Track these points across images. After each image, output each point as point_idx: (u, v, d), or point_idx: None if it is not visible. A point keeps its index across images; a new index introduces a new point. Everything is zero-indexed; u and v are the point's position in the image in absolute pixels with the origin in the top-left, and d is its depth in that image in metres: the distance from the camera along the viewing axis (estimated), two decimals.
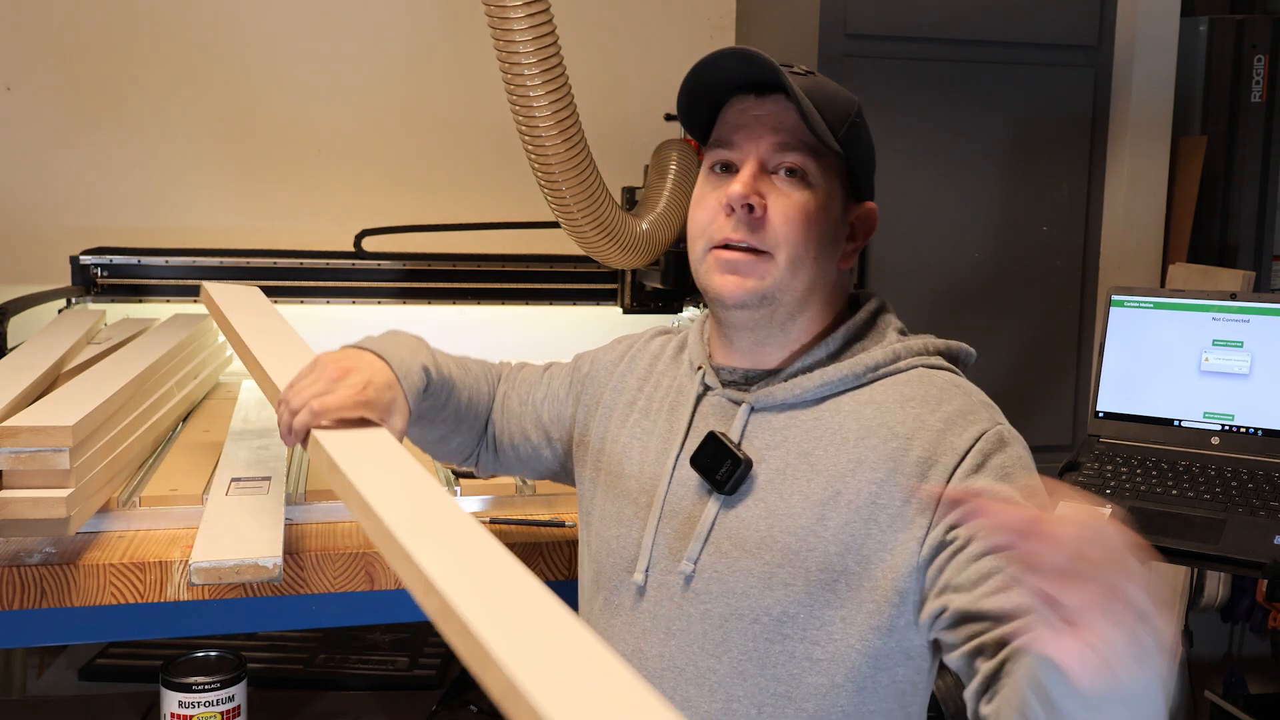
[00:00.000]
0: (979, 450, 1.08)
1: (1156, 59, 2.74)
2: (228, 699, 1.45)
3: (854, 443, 1.11)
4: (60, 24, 2.78)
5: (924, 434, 1.09)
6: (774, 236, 1.13)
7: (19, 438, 1.32)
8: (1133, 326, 1.80)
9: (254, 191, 2.91)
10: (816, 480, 1.10)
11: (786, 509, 1.11)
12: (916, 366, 1.17)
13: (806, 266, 1.15)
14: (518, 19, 2.02)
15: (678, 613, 1.15)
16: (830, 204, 1.17)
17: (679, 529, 1.16)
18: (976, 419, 1.11)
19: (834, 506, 1.09)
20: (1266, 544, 1.53)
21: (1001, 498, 1.01)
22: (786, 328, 1.18)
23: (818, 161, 1.15)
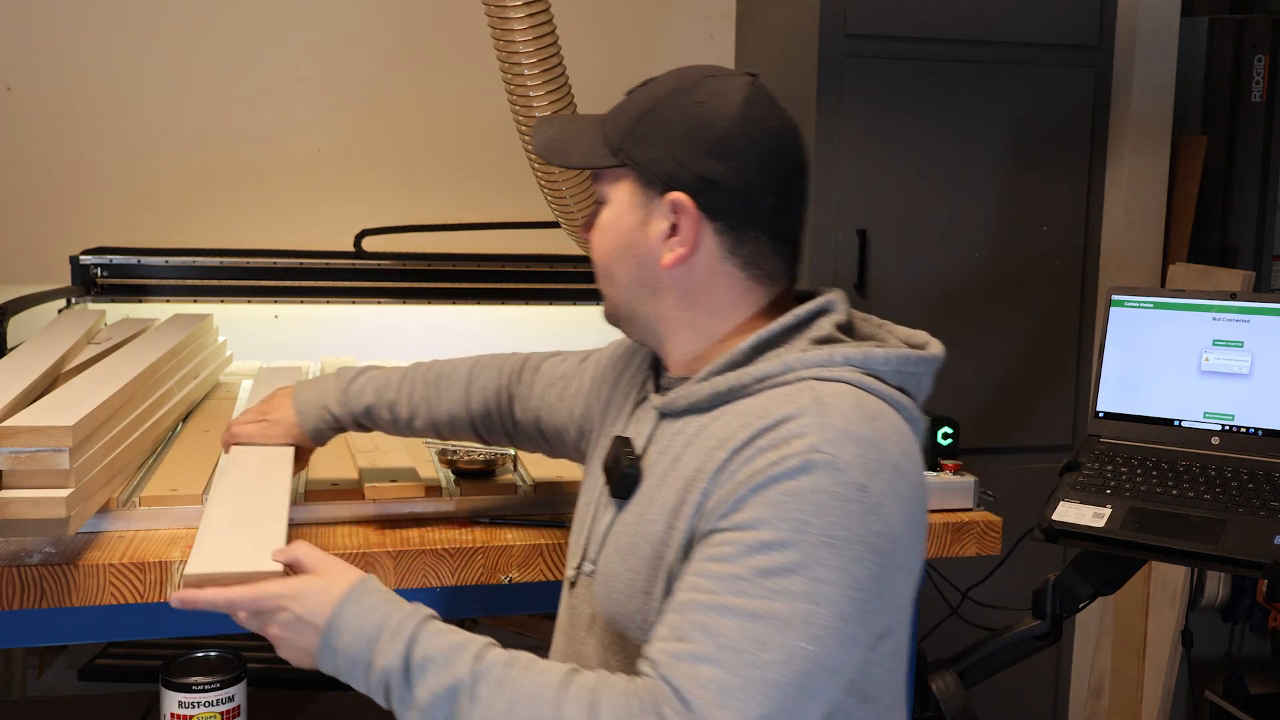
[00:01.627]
0: (771, 477, 0.99)
1: (1156, 59, 2.74)
2: (228, 699, 1.45)
3: (708, 451, 1.06)
4: (60, 24, 2.78)
5: (747, 450, 1.02)
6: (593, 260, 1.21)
7: (19, 438, 1.32)
8: (1133, 326, 1.80)
9: (254, 191, 2.91)
10: (672, 488, 1.08)
11: (650, 516, 1.10)
12: (808, 379, 1.07)
13: (615, 280, 1.18)
14: (517, 19, 2.02)
15: (574, 613, 1.21)
16: (617, 213, 1.16)
17: (597, 530, 1.19)
18: (797, 440, 0.99)
19: (679, 516, 1.06)
20: (1266, 544, 1.53)
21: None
22: (663, 339, 1.19)
23: (602, 180, 1.18)
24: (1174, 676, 2.74)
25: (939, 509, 1.68)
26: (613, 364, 1.37)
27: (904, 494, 1.01)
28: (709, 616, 0.95)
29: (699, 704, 0.92)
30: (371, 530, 1.54)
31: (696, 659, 0.94)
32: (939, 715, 1.75)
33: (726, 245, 1.12)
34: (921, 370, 1.16)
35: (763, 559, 0.95)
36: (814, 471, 0.97)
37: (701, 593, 0.97)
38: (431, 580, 1.48)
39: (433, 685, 0.99)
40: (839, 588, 0.95)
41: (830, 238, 2.59)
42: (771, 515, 0.97)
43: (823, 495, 0.97)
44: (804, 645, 0.94)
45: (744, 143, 1.10)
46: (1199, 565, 1.71)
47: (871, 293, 2.61)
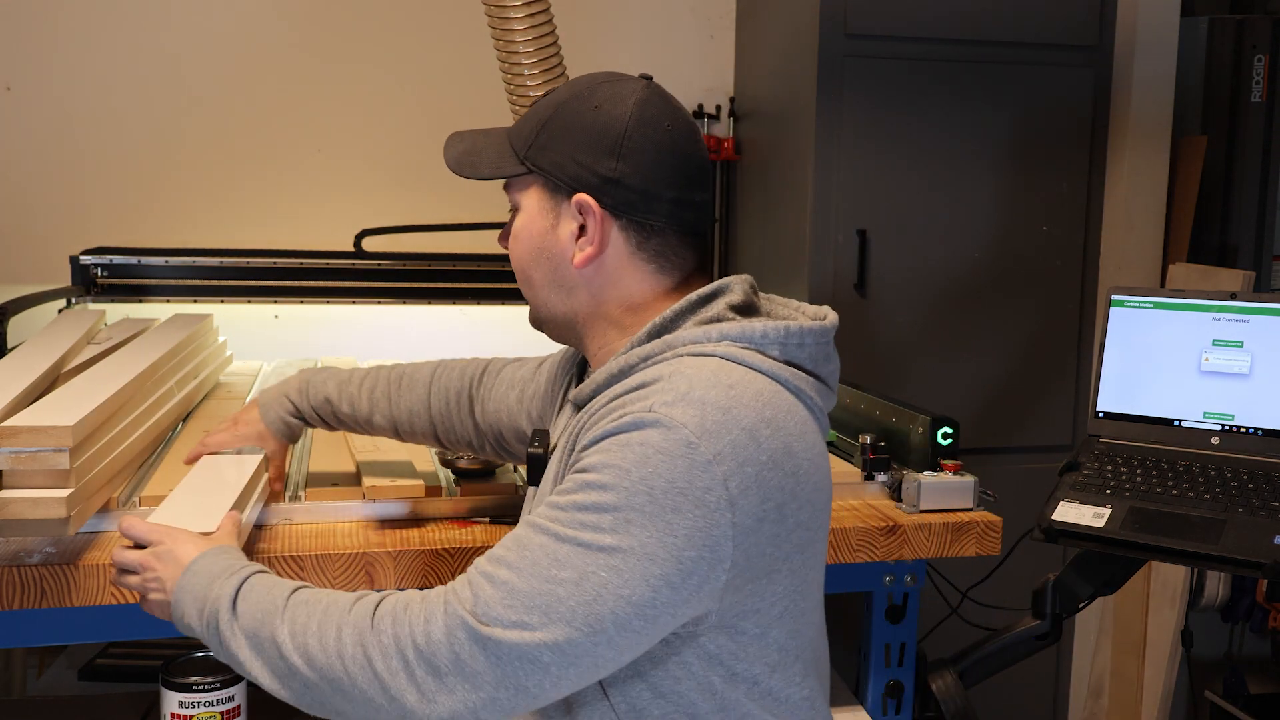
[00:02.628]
0: (612, 433, 1.05)
1: (1156, 59, 2.74)
2: (228, 699, 1.45)
3: (583, 430, 1.13)
4: (60, 24, 2.78)
5: (600, 415, 1.10)
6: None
7: (19, 438, 1.32)
8: (1133, 326, 1.80)
9: (254, 191, 2.91)
10: (557, 461, 1.17)
11: (539, 496, 1.20)
12: (682, 355, 1.11)
13: (532, 283, 1.23)
14: (517, 19, 2.03)
15: None
16: (529, 217, 1.21)
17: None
18: (639, 402, 1.05)
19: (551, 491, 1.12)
20: (1266, 544, 1.53)
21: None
22: (580, 334, 1.23)
23: (513, 188, 1.22)
24: (1174, 676, 2.74)
25: (939, 509, 1.69)
26: (563, 366, 1.42)
27: (754, 457, 1.04)
28: (524, 532, 1.05)
29: (486, 598, 1.01)
30: (371, 530, 1.54)
31: (498, 561, 1.04)
32: (939, 715, 1.75)
33: (633, 241, 1.17)
34: (809, 342, 1.17)
35: (581, 496, 1.03)
36: (644, 428, 1.03)
37: (529, 520, 1.06)
38: (431, 580, 1.48)
39: (251, 605, 1.10)
40: (650, 532, 1.00)
41: (830, 238, 2.59)
42: (599, 463, 1.03)
43: (648, 449, 1.02)
44: (601, 574, 1.00)
45: (640, 141, 1.15)
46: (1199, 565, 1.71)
47: (871, 293, 2.61)
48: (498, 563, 1.03)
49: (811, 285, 2.58)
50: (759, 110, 2.94)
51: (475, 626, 1.00)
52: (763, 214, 2.91)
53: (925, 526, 1.65)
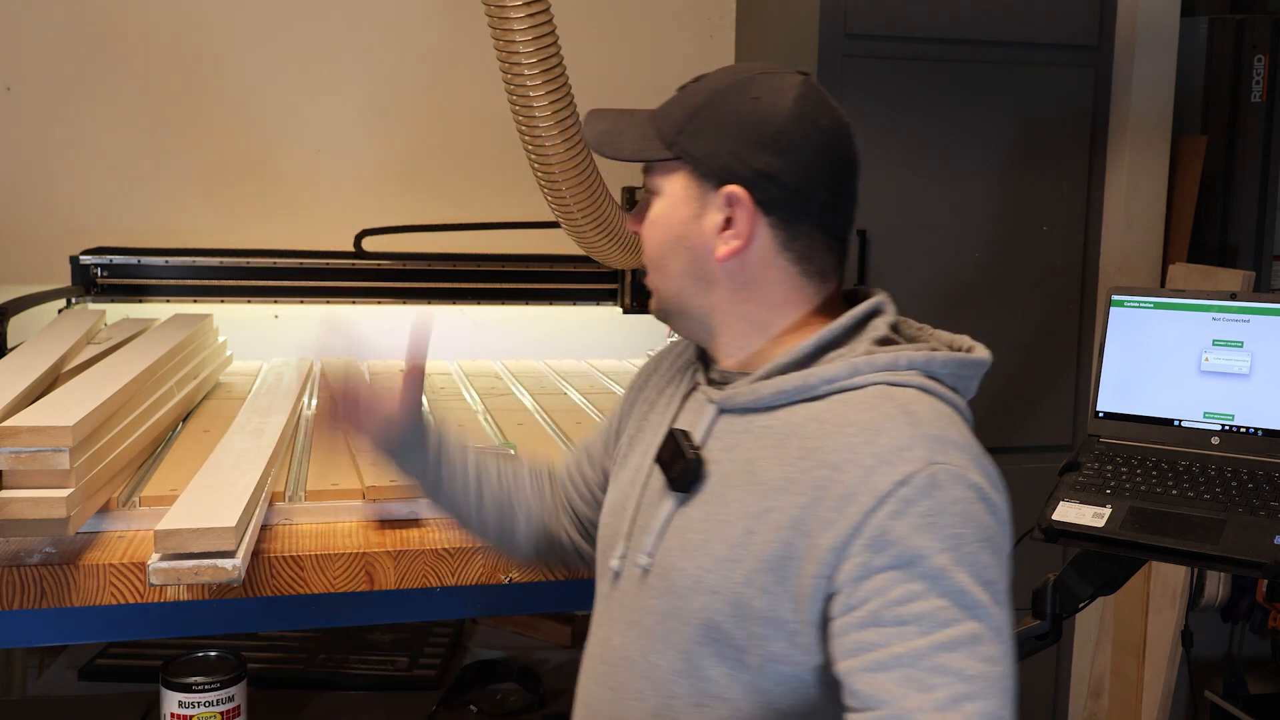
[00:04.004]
0: (900, 496, 0.99)
1: (1156, 59, 2.74)
2: (228, 699, 1.45)
3: (791, 461, 1.07)
4: (60, 24, 2.78)
5: (852, 468, 1.02)
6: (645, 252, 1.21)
7: (19, 438, 1.32)
8: (1133, 326, 1.80)
9: (254, 191, 2.91)
10: (753, 492, 1.09)
11: (725, 516, 1.10)
12: (878, 384, 1.09)
13: (667, 273, 1.19)
14: (518, 19, 2.02)
15: (634, 604, 1.17)
16: (670, 205, 1.17)
17: (648, 522, 1.18)
18: (910, 457, 1.01)
19: (762, 522, 1.06)
20: (1266, 544, 1.53)
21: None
22: (715, 333, 1.20)
23: (655, 172, 1.18)
24: (1174, 676, 2.73)
25: None
26: (639, 381, 1.38)
27: (1000, 485, 1.07)
28: (939, 657, 0.94)
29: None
30: (371, 530, 1.54)
31: (958, 701, 0.93)
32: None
33: (780, 240, 1.14)
34: (971, 374, 1.18)
35: (946, 585, 0.97)
36: (944, 486, 1.00)
37: (913, 639, 0.96)
38: (431, 580, 1.48)
39: None
40: (1003, 582, 1.00)
41: None
42: (932, 543, 0.97)
43: (964, 507, 1.00)
44: (1006, 646, 0.97)
45: (798, 138, 1.12)
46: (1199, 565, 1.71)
47: None
48: (959, 703, 0.92)
49: None
50: None
51: None
52: None
53: None
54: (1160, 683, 2.74)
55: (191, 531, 1.30)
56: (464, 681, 2.04)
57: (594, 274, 2.85)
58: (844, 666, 0.98)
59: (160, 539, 1.29)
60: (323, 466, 1.71)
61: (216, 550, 1.30)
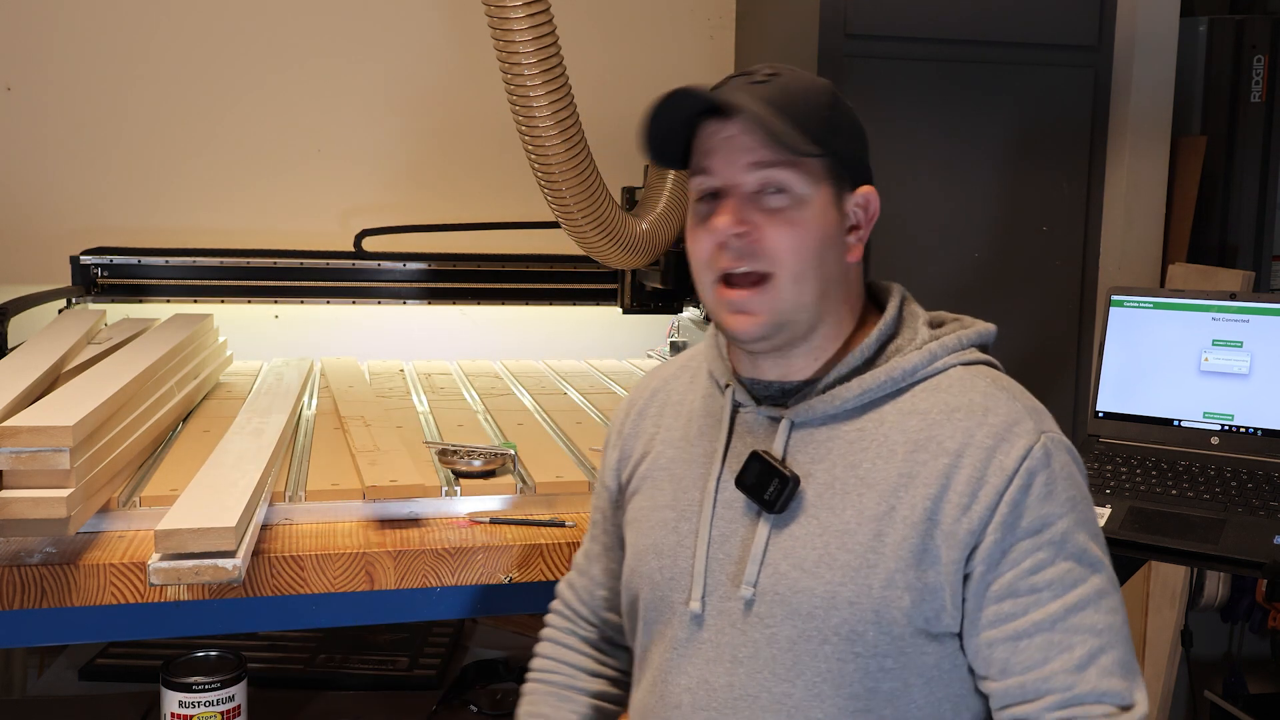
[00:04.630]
0: (1026, 470, 1.07)
1: (1156, 59, 2.74)
2: (228, 699, 1.45)
3: (903, 457, 1.10)
4: (60, 24, 2.78)
5: (974, 451, 1.08)
6: (771, 257, 1.12)
7: (19, 438, 1.32)
8: (1133, 326, 1.80)
9: (254, 191, 2.91)
10: (869, 495, 1.09)
11: (842, 525, 1.09)
12: (954, 366, 1.16)
13: (810, 279, 1.13)
14: (518, 19, 2.02)
15: (743, 639, 1.12)
16: (821, 207, 1.14)
17: (731, 553, 1.14)
18: (1023, 431, 1.09)
19: (890, 522, 1.08)
20: (1266, 544, 1.53)
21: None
22: (810, 339, 1.16)
23: (797, 169, 1.12)
24: (1174, 676, 2.73)
25: None
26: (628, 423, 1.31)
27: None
28: (1073, 618, 1.06)
29: (1119, 690, 1.04)
30: (371, 530, 1.54)
31: (1094, 655, 1.04)
32: None
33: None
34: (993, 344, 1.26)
35: (1070, 548, 1.07)
36: (1054, 454, 1.09)
37: (1048, 604, 1.06)
38: (431, 580, 1.48)
39: None
40: (1103, 535, 1.12)
41: None
42: (1055, 509, 1.07)
43: (1070, 470, 1.10)
44: (1119, 592, 1.09)
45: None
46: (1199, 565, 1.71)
47: None
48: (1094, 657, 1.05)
49: None
50: None
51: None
52: None
53: None
54: (1160, 683, 2.74)
55: (191, 531, 1.30)
56: (464, 681, 2.04)
57: (594, 274, 2.85)
58: (984, 639, 1.07)
59: (160, 539, 1.29)
60: (323, 466, 1.71)
61: (216, 550, 1.30)
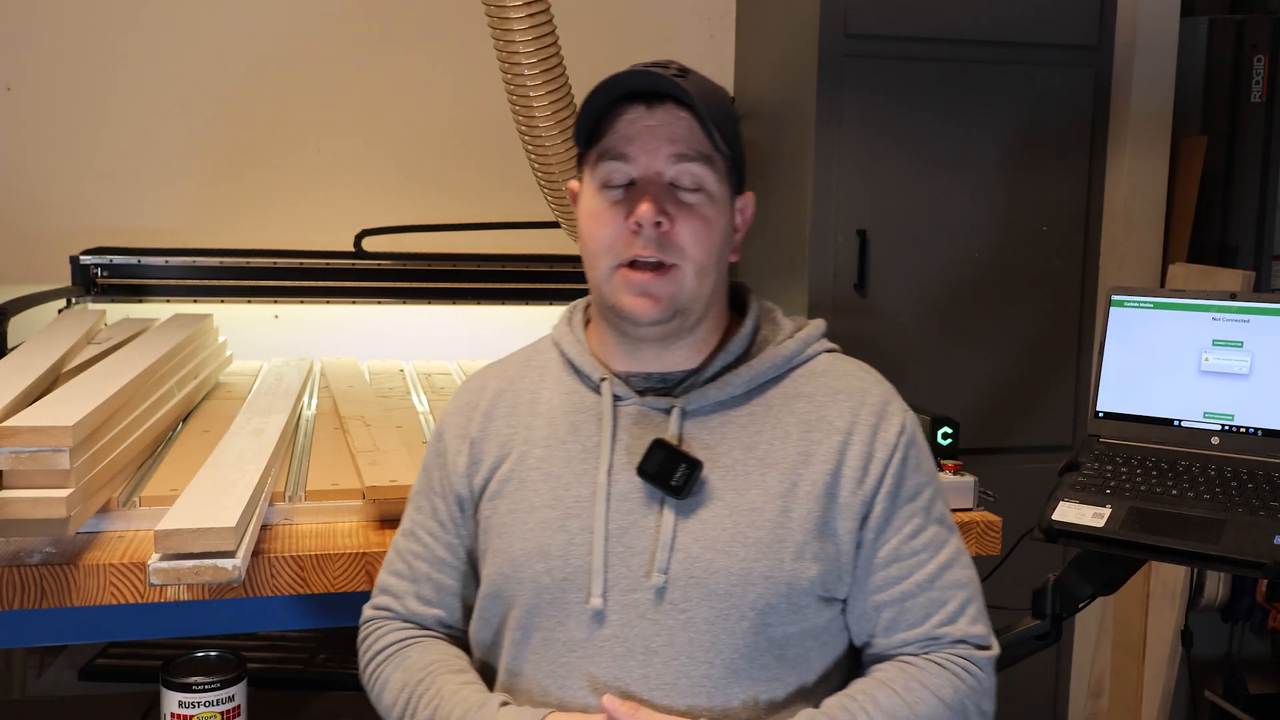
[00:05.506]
0: (903, 444, 1.19)
1: (1156, 59, 2.74)
2: (228, 699, 1.45)
3: (797, 436, 1.17)
4: (60, 24, 2.78)
5: (861, 429, 1.18)
6: (679, 249, 1.15)
7: (19, 438, 1.32)
8: (1133, 326, 1.80)
9: (254, 191, 2.91)
10: (771, 474, 1.15)
11: (749, 504, 1.14)
12: (821, 353, 1.25)
13: (711, 273, 1.18)
14: (517, 19, 2.02)
15: (654, 629, 1.12)
16: (724, 206, 1.19)
17: (632, 544, 1.13)
18: (896, 409, 1.21)
19: (794, 498, 1.14)
20: (1266, 544, 1.53)
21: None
22: (694, 330, 1.20)
23: (711, 167, 1.16)
24: (1174, 676, 2.73)
25: None
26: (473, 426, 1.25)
27: None
28: (946, 575, 1.18)
29: (983, 634, 1.19)
30: (371, 530, 1.54)
31: (964, 606, 1.18)
32: None
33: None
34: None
35: (935, 513, 1.20)
36: (917, 429, 1.23)
37: (926, 565, 1.18)
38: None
39: None
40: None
41: (830, 238, 2.59)
42: (923, 479, 1.20)
43: (924, 441, 1.23)
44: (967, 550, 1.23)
45: None
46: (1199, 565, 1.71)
47: (871, 293, 2.61)
48: (965, 607, 1.19)
49: (811, 285, 2.58)
50: (759, 110, 2.94)
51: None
52: (763, 214, 2.90)
53: None
54: (1160, 683, 2.74)
55: (191, 531, 1.30)
56: None
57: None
58: (873, 602, 1.17)
59: (160, 539, 1.29)
60: (323, 466, 1.71)
61: (216, 550, 1.30)
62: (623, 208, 1.15)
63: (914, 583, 1.17)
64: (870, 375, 1.25)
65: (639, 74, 1.13)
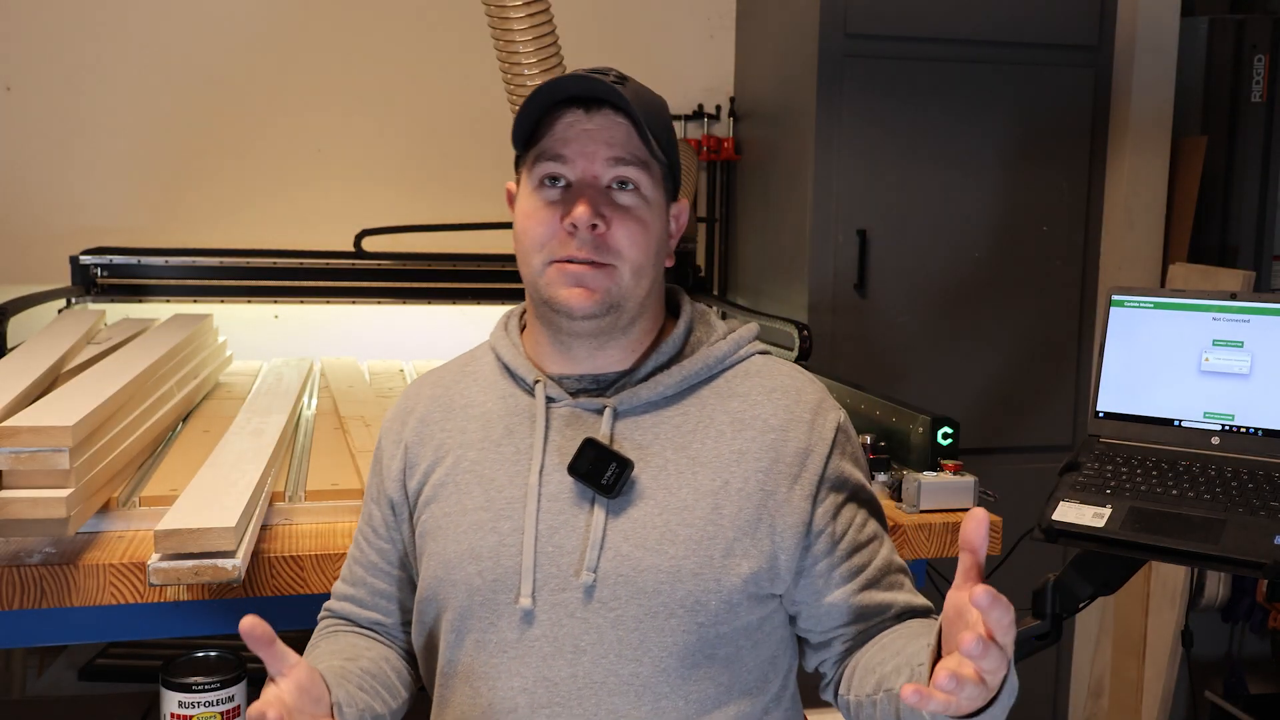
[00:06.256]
0: (840, 441, 1.21)
1: (1156, 59, 2.74)
2: (228, 699, 1.45)
3: (730, 435, 1.17)
4: (60, 24, 2.78)
5: (796, 426, 1.19)
6: (616, 251, 1.16)
7: (19, 438, 1.32)
8: (1133, 326, 1.80)
9: (254, 191, 2.91)
10: (702, 473, 1.15)
11: (680, 503, 1.14)
12: (754, 354, 1.25)
13: (647, 274, 1.18)
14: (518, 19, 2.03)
15: (584, 628, 1.11)
16: (660, 211, 1.20)
17: (562, 544, 1.13)
18: (829, 406, 1.22)
19: (725, 495, 1.14)
20: (1266, 544, 1.53)
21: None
22: (628, 331, 1.20)
23: (647, 172, 1.17)
24: (1174, 676, 2.73)
25: (939, 509, 1.69)
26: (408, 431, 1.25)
27: None
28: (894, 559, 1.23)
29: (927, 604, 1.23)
30: None
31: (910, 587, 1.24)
32: None
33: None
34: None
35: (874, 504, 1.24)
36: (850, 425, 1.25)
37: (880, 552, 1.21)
38: None
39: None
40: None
41: (830, 238, 2.59)
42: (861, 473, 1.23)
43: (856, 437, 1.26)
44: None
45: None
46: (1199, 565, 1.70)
47: (871, 293, 2.61)
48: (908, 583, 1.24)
49: (811, 285, 2.58)
50: (759, 110, 2.94)
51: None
52: (763, 214, 2.91)
53: (925, 527, 1.66)
54: (1160, 683, 2.74)
55: (191, 531, 1.30)
56: None
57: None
58: (842, 593, 1.18)
59: (160, 539, 1.29)
60: (323, 466, 1.71)
61: (216, 550, 1.30)
62: (558, 208, 1.16)
63: (875, 569, 1.20)
64: (803, 375, 1.25)
65: (578, 79, 1.15)
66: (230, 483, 1.46)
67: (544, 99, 1.16)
